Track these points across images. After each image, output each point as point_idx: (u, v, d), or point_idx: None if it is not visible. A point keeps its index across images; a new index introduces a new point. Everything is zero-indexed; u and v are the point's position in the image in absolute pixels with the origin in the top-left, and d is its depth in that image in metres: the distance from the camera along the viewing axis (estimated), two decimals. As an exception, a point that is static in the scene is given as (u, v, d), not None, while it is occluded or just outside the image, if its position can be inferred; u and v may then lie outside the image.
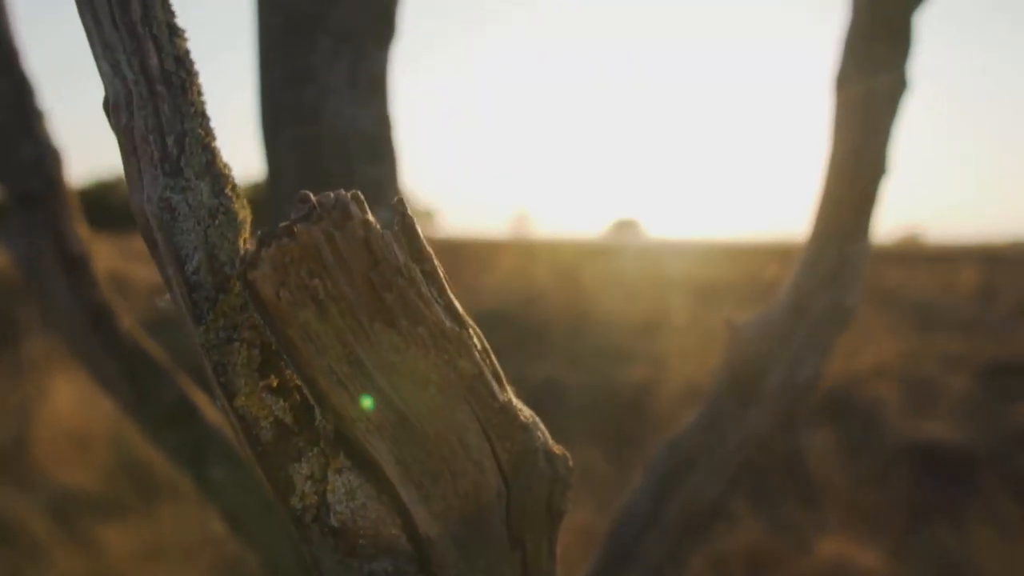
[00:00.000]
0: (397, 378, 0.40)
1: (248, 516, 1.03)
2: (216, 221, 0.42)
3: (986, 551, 2.49)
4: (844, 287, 1.10)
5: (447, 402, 0.42)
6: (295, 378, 0.43)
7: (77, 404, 3.24)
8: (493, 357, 0.44)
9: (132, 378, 1.03)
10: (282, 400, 0.43)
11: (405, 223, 0.41)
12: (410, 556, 0.44)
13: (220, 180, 0.43)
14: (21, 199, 1.00)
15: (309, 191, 0.38)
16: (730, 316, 1.20)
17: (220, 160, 0.43)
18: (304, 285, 0.37)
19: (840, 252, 1.10)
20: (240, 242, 0.43)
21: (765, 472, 2.97)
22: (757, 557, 2.50)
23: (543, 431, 0.47)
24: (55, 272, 1.01)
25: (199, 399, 1.06)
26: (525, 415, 0.46)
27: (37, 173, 1.01)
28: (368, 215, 0.38)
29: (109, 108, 0.43)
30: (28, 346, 3.79)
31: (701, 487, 1.14)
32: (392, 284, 0.38)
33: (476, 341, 0.43)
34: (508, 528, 0.46)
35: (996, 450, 3.33)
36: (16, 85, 1.02)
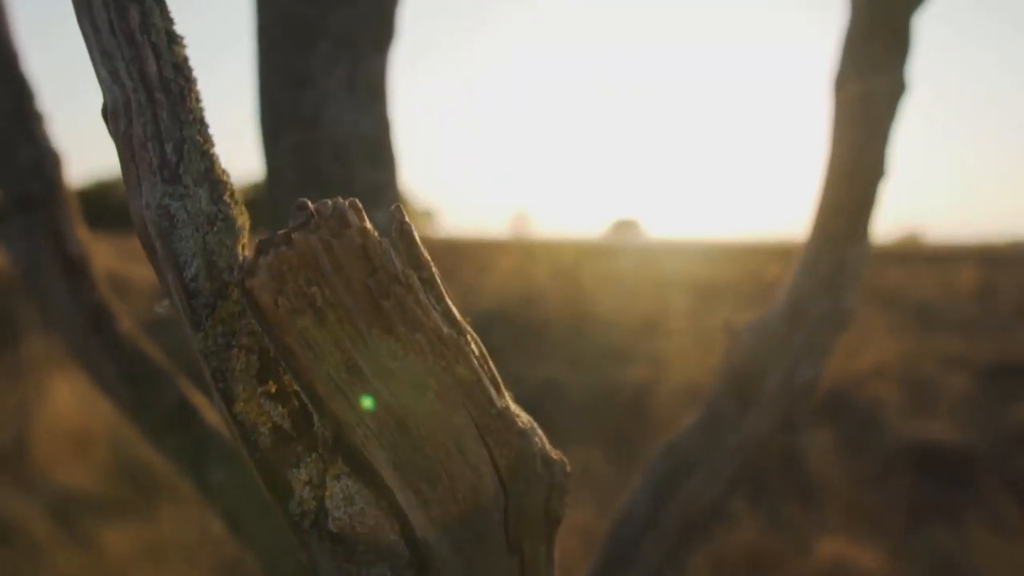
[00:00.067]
0: (395, 384, 0.40)
1: (248, 518, 1.03)
2: (214, 228, 0.42)
3: (985, 551, 2.49)
4: (842, 290, 1.11)
5: (445, 408, 0.42)
6: (293, 384, 0.43)
7: (77, 404, 3.24)
8: (491, 363, 0.45)
9: (132, 381, 1.03)
10: (280, 406, 0.43)
11: (403, 230, 0.41)
12: (408, 561, 0.44)
13: (218, 187, 0.43)
14: (21, 202, 1.00)
15: (308, 196, 0.38)
16: (729, 319, 1.20)
17: (218, 167, 0.44)
18: (302, 293, 0.37)
19: (839, 255, 1.10)
20: (238, 248, 0.43)
21: (765, 472, 2.97)
22: (757, 557, 2.51)
23: (541, 436, 0.47)
24: (55, 275, 1.02)
25: (199, 401, 1.07)
26: (523, 421, 0.46)
27: (37, 176, 1.01)
28: (366, 223, 0.38)
29: (108, 115, 0.43)
30: (28, 346, 3.79)
31: (700, 489, 1.14)
32: (390, 291, 0.39)
33: (474, 347, 0.43)
34: (506, 533, 0.46)
35: (995, 450, 3.33)
36: (16, 88, 1.02)
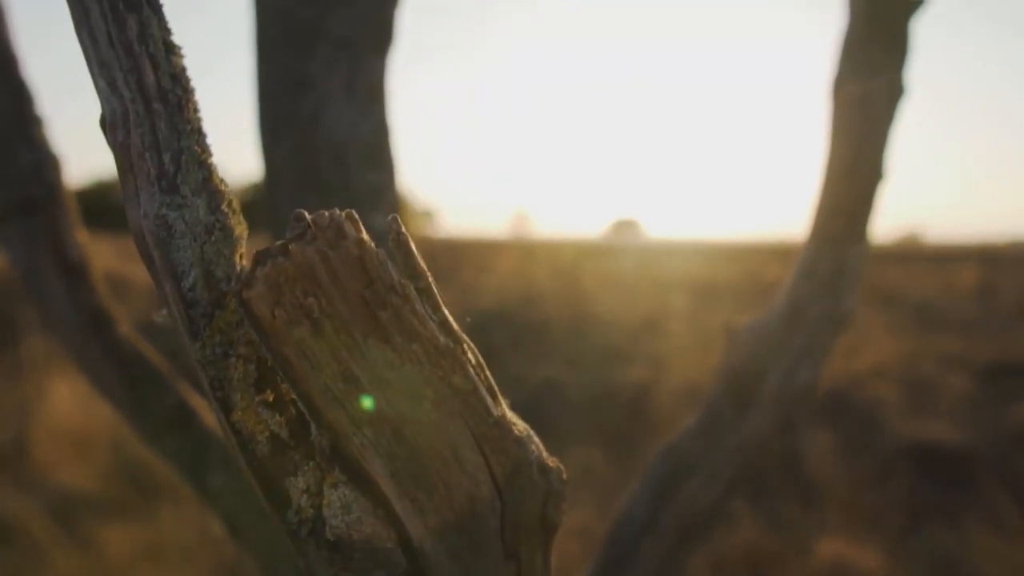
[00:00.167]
0: (392, 394, 0.41)
1: (247, 522, 1.03)
2: (212, 237, 0.43)
3: (985, 551, 2.49)
4: (841, 292, 1.11)
5: (442, 417, 0.42)
6: (291, 393, 0.43)
7: (77, 405, 3.24)
8: (487, 372, 0.45)
9: (131, 384, 1.03)
10: (278, 415, 0.44)
11: (400, 240, 0.41)
12: (405, 569, 0.45)
13: (216, 197, 0.43)
14: (20, 206, 1.00)
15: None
16: (728, 320, 1.20)
17: (216, 177, 0.44)
18: (299, 304, 0.38)
19: (837, 257, 1.10)
20: (236, 258, 0.44)
21: (765, 472, 2.97)
22: (756, 557, 2.51)
23: (537, 444, 0.47)
24: (54, 278, 1.02)
25: (198, 404, 1.07)
26: (519, 429, 0.46)
27: (36, 180, 1.01)
28: (362, 234, 0.38)
29: (106, 125, 0.43)
30: (28, 347, 3.79)
31: (699, 490, 1.15)
32: (386, 302, 0.39)
33: (470, 356, 0.43)
34: (503, 540, 0.47)
35: (995, 450, 3.33)
36: (15, 92, 1.02)
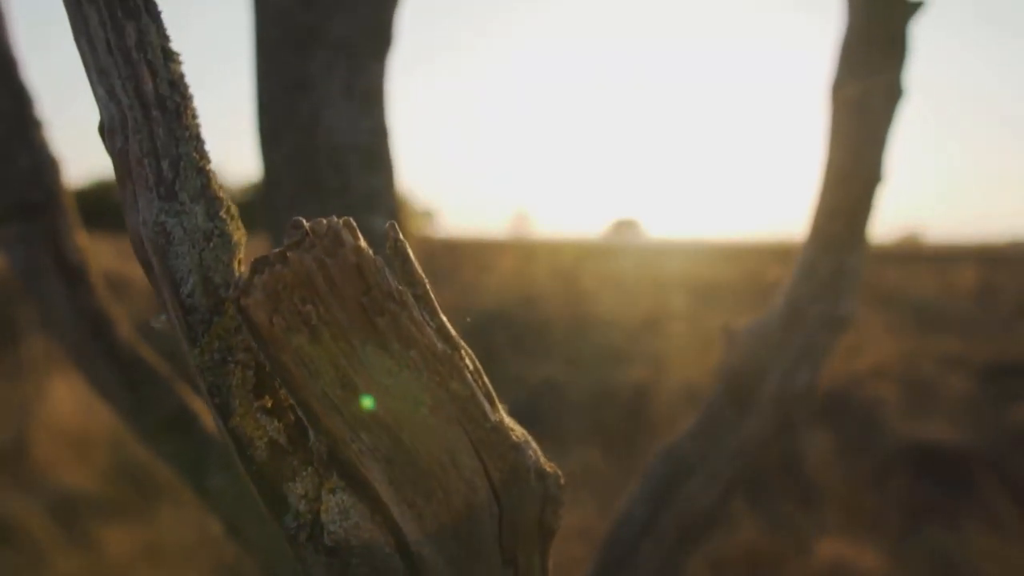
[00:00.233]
0: (390, 400, 0.41)
1: (247, 524, 1.03)
2: (211, 244, 0.43)
3: (984, 551, 2.49)
4: (840, 295, 1.11)
5: (439, 423, 0.42)
6: (289, 399, 0.43)
7: (77, 405, 3.24)
8: (485, 377, 0.45)
9: (130, 386, 1.04)
10: (276, 420, 0.44)
11: (397, 247, 0.41)
12: (403, 574, 0.45)
13: (215, 203, 0.43)
14: (20, 209, 1.00)
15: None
16: (727, 322, 1.20)
17: (215, 183, 0.44)
18: (297, 311, 0.38)
19: (836, 260, 1.11)
20: (235, 264, 0.44)
21: (764, 473, 2.97)
22: (756, 558, 2.51)
23: (535, 449, 0.48)
24: (54, 281, 1.02)
25: (198, 407, 1.07)
26: (517, 434, 0.46)
27: (36, 183, 1.01)
28: (360, 241, 0.38)
29: (104, 132, 0.43)
30: (28, 347, 3.79)
31: (698, 492, 1.15)
32: (384, 309, 0.39)
33: (468, 362, 0.43)
34: (500, 546, 0.47)
35: (995, 451, 3.33)
36: (15, 95, 1.03)
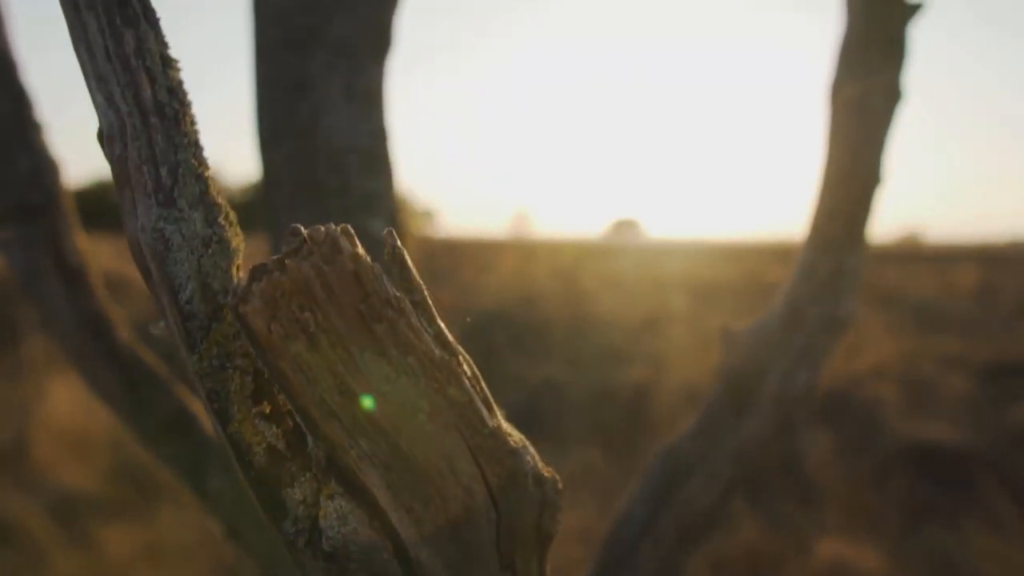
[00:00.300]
0: (388, 407, 0.41)
1: (246, 526, 1.03)
2: (209, 250, 0.43)
3: (984, 551, 2.49)
4: (839, 297, 1.11)
5: (437, 429, 0.42)
6: (288, 405, 0.43)
7: (77, 405, 3.24)
8: (483, 383, 0.45)
9: (130, 388, 1.04)
10: (275, 426, 0.44)
11: (395, 254, 0.41)
12: (401, 579, 0.45)
13: (213, 210, 0.43)
14: (20, 211, 1.01)
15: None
16: (727, 323, 1.20)
17: (213, 190, 0.44)
18: (295, 318, 0.38)
19: (836, 260, 1.11)
20: (233, 270, 0.44)
21: (764, 473, 2.97)
22: (756, 558, 2.51)
23: (533, 455, 0.48)
24: (53, 283, 1.02)
25: (197, 409, 1.07)
26: (515, 440, 0.46)
27: (35, 185, 1.01)
28: (358, 248, 0.39)
29: (103, 139, 0.43)
30: (28, 347, 3.79)
31: (698, 492, 1.15)
32: (382, 315, 0.39)
33: (466, 368, 0.44)
34: (498, 551, 0.47)
35: (994, 451, 3.33)
36: (14, 97, 1.03)
